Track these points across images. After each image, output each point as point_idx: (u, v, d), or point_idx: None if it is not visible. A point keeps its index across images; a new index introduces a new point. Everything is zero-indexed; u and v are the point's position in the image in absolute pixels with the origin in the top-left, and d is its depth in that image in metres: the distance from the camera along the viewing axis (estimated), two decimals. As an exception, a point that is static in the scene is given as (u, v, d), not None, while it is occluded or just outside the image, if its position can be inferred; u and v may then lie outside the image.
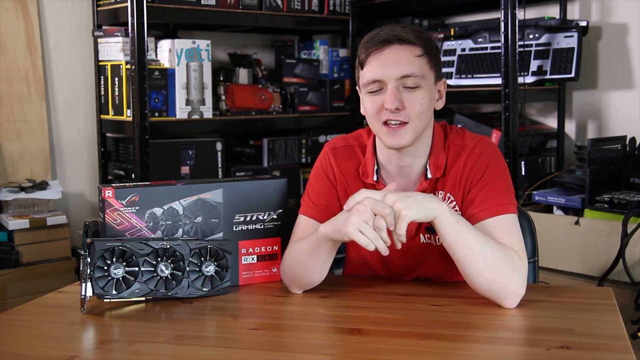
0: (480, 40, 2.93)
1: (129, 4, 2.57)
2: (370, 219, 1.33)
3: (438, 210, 1.35)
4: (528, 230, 1.69)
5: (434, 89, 1.49)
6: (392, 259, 1.58)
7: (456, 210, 1.52)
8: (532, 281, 1.67)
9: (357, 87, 1.55)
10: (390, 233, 1.34)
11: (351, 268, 1.68)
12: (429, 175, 1.52)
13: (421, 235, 1.55)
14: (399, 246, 1.35)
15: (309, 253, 1.47)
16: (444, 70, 2.99)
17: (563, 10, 2.94)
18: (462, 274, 1.40)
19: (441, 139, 1.55)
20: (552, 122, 3.07)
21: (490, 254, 1.37)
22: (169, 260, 1.45)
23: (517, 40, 2.64)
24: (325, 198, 1.58)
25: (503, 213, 1.45)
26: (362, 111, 1.54)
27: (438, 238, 1.54)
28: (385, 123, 1.45)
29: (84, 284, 1.38)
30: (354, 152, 1.60)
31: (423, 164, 1.53)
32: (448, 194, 1.52)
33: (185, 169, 2.82)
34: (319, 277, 1.51)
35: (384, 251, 1.33)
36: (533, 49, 2.81)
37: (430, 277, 1.60)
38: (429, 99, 1.46)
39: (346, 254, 1.68)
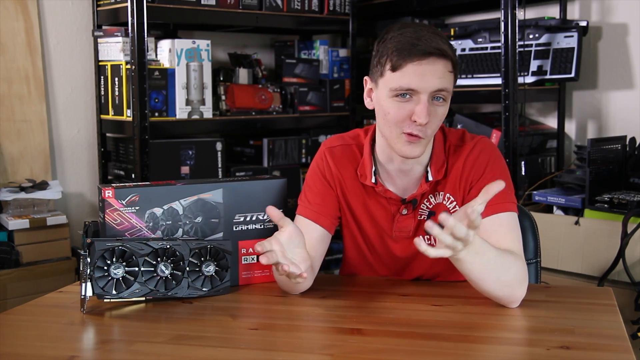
0: (480, 40, 2.93)
1: (129, 4, 2.57)
2: None
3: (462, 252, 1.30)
4: (530, 230, 1.68)
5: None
6: (392, 259, 1.58)
7: (456, 211, 1.52)
8: (534, 282, 1.67)
9: (366, 78, 1.50)
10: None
11: (349, 268, 1.67)
12: (430, 178, 1.51)
13: (420, 236, 1.54)
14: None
15: (284, 283, 1.49)
16: (444, 70, 2.98)
17: (563, 10, 2.94)
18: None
19: (441, 141, 1.54)
20: (552, 122, 3.06)
21: (505, 275, 1.36)
22: (169, 260, 1.45)
23: (517, 40, 2.64)
24: (322, 198, 1.57)
25: (503, 211, 1.45)
26: (369, 105, 1.50)
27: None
28: (407, 132, 1.42)
29: (84, 284, 1.38)
30: (351, 152, 1.59)
31: (424, 166, 1.53)
32: (448, 194, 1.52)
33: (185, 169, 2.82)
34: (308, 284, 1.51)
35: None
36: (533, 49, 2.81)
37: (430, 277, 1.60)
38: (446, 113, 1.46)
39: (344, 254, 1.68)
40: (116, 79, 2.75)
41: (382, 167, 1.55)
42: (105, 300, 1.42)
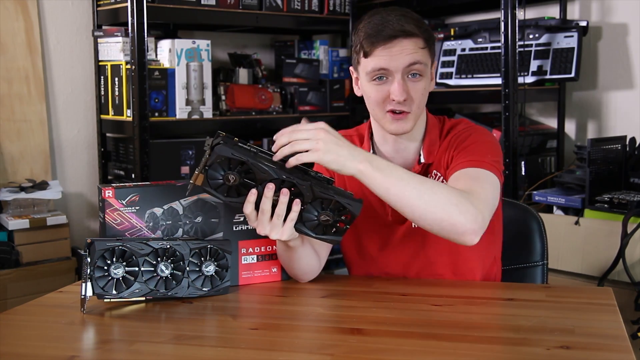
0: (480, 40, 2.93)
1: (129, 4, 2.57)
2: None
3: (355, 168, 1.33)
4: (537, 232, 1.68)
5: (430, 75, 1.54)
6: (385, 243, 1.58)
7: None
8: (541, 283, 1.67)
9: (351, 68, 1.59)
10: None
11: (355, 268, 1.68)
12: (422, 160, 1.56)
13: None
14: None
15: (284, 255, 1.52)
16: (444, 70, 2.99)
17: (563, 10, 2.94)
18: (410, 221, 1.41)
19: (437, 127, 1.60)
20: (552, 122, 3.06)
21: (430, 195, 1.33)
22: (169, 260, 1.45)
23: (517, 40, 2.64)
24: None
25: (474, 167, 1.45)
26: (357, 92, 1.58)
27: None
28: (390, 111, 1.50)
29: (84, 284, 1.38)
30: (352, 142, 1.62)
31: (417, 147, 1.58)
32: (435, 171, 1.57)
33: (185, 169, 2.82)
34: (312, 269, 1.55)
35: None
36: (533, 49, 2.81)
37: (424, 264, 1.59)
38: (428, 87, 1.52)
39: (344, 255, 1.68)
40: (116, 79, 2.75)
41: (378, 151, 1.61)
42: (105, 300, 1.42)
